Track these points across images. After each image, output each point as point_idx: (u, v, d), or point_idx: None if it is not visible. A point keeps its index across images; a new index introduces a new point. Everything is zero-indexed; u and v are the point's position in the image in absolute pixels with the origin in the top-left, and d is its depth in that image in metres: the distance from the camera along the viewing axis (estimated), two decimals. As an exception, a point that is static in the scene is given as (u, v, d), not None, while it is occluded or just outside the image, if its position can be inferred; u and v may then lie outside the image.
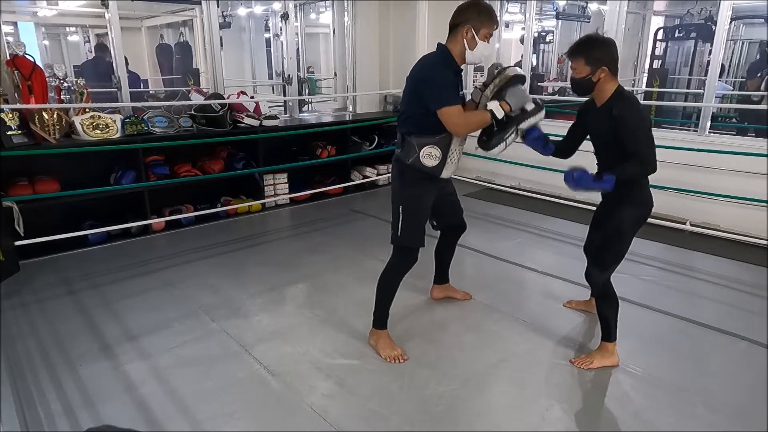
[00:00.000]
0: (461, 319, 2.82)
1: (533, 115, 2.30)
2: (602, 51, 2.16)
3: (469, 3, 2.27)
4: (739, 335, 2.65)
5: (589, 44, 2.20)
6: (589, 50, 2.17)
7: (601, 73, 2.15)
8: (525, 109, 2.29)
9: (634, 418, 2.05)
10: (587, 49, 2.18)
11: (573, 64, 2.21)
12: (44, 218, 3.78)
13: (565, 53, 2.31)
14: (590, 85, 2.19)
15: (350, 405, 2.12)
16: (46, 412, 2.06)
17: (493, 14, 2.27)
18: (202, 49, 5.62)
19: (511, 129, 2.30)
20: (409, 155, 2.31)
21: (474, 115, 2.28)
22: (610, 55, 2.16)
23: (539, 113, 2.31)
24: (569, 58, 2.23)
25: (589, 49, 2.17)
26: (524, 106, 2.29)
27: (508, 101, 2.25)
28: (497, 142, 2.32)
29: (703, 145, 4.18)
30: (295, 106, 5.71)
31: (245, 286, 3.24)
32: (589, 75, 2.16)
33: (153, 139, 4.03)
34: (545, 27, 9.21)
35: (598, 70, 2.14)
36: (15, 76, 3.58)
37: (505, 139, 2.31)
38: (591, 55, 2.15)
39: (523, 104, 2.28)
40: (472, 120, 2.27)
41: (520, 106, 2.28)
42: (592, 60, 2.14)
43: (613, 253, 2.29)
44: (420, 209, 2.40)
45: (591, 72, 2.15)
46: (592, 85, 2.19)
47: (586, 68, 2.15)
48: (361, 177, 5.47)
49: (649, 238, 3.86)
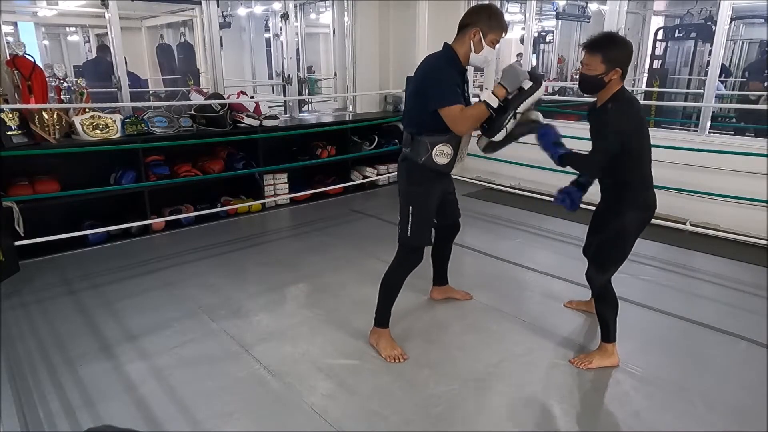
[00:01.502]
0: (461, 319, 2.82)
1: (532, 92, 2.17)
2: (621, 52, 2.10)
3: (482, 5, 2.28)
4: (739, 335, 2.65)
5: (610, 42, 2.12)
6: (609, 48, 2.10)
7: (614, 74, 2.10)
8: (522, 88, 2.18)
9: (634, 418, 2.05)
10: (607, 46, 2.10)
11: (587, 60, 2.12)
12: (44, 218, 3.78)
13: (582, 44, 2.24)
14: (601, 84, 2.13)
15: (350, 405, 2.12)
16: (46, 412, 2.06)
17: (503, 21, 2.25)
18: (202, 49, 5.62)
19: (509, 112, 2.19)
20: (420, 154, 2.30)
21: (470, 109, 2.21)
22: (626, 57, 2.11)
23: (538, 88, 2.18)
24: (586, 52, 2.14)
25: (609, 47, 2.10)
26: (521, 84, 2.17)
27: (502, 84, 2.16)
28: (498, 129, 2.22)
29: (703, 145, 4.18)
30: (295, 106, 5.71)
31: (245, 286, 3.24)
32: (603, 74, 2.09)
33: (153, 139, 4.03)
34: (545, 27, 9.21)
35: (612, 70, 2.08)
36: (15, 76, 3.58)
37: (504, 125, 2.20)
38: (609, 53, 2.08)
39: (519, 83, 2.16)
40: (469, 115, 2.20)
41: (517, 86, 2.18)
42: (609, 59, 2.08)
43: (615, 256, 2.28)
44: (429, 208, 2.41)
45: (605, 71, 2.09)
46: (603, 85, 2.12)
47: (601, 66, 2.09)
48: (361, 177, 5.47)
49: (649, 238, 3.86)
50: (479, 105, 2.19)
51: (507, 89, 2.17)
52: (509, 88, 2.17)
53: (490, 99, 2.16)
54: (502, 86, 2.16)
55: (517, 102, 2.19)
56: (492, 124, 2.24)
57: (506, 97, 2.18)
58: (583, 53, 2.17)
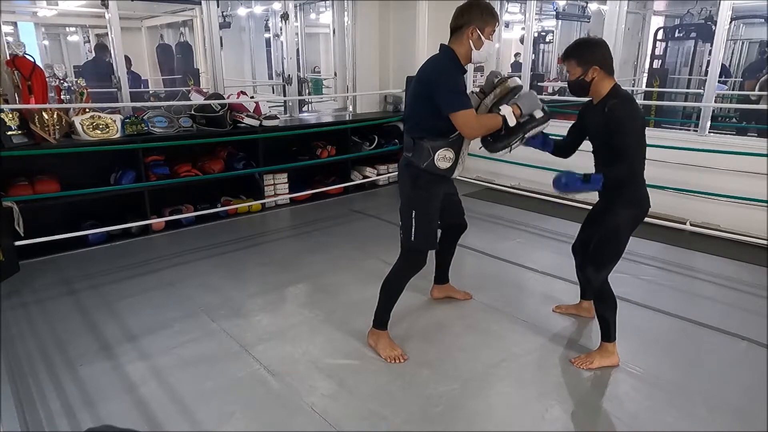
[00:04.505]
0: (461, 319, 2.82)
1: (541, 123, 2.32)
2: (592, 51, 2.24)
3: (469, 4, 2.28)
4: (739, 335, 2.65)
5: (579, 46, 2.28)
6: (579, 52, 2.25)
7: (594, 72, 2.21)
8: (533, 116, 2.32)
9: (633, 418, 2.05)
10: (577, 51, 2.26)
11: (567, 68, 2.29)
12: (44, 218, 3.78)
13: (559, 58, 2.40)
14: (585, 85, 2.25)
15: (350, 405, 2.12)
16: (46, 412, 2.06)
17: (494, 11, 2.29)
18: (202, 49, 5.62)
19: (518, 135, 2.32)
20: (423, 159, 2.31)
21: (487, 118, 2.30)
22: (601, 55, 2.22)
23: (546, 122, 2.34)
24: (563, 61, 2.31)
25: (579, 51, 2.25)
26: (533, 112, 2.31)
27: (519, 105, 2.28)
28: (503, 147, 2.35)
29: (703, 145, 4.18)
30: (295, 106, 5.71)
31: (245, 286, 3.24)
32: (582, 75, 2.22)
33: (153, 139, 4.03)
34: (545, 27, 9.22)
35: (589, 70, 2.21)
36: (15, 76, 3.58)
37: (510, 144, 2.34)
38: (581, 56, 2.23)
39: (532, 110, 2.31)
40: (485, 124, 2.29)
41: (530, 112, 2.31)
42: (582, 61, 2.21)
43: (610, 254, 2.29)
44: (432, 212, 2.41)
45: (583, 72, 2.22)
46: (587, 86, 2.25)
47: (578, 69, 2.23)
48: (361, 177, 5.47)
49: (649, 238, 3.87)
50: (496, 117, 2.28)
51: (522, 111, 2.28)
52: (524, 112, 2.29)
53: (509, 116, 2.26)
54: (519, 108, 2.28)
55: (527, 127, 2.31)
56: (498, 139, 2.34)
57: (518, 120, 2.29)
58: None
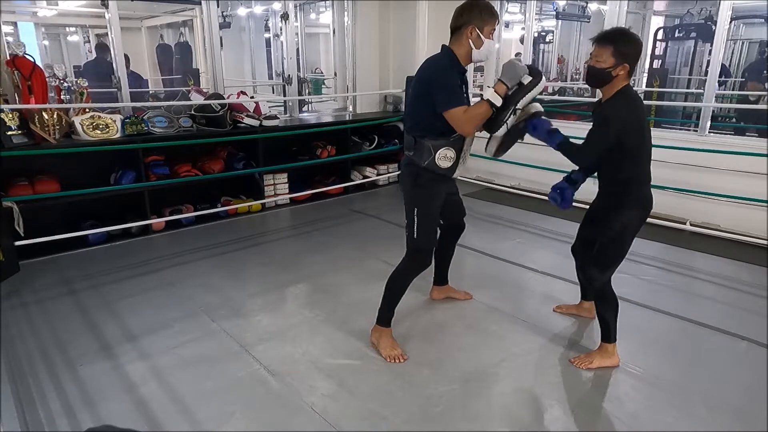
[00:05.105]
0: (461, 319, 2.82)
1: (531, 88, 2.18)
2: (631, 47, 2.10)
3: (468, 3, 2.28)
4: (739, 335, 2.65)
5: (621, 36, 2.12)
6: (621, 42, 2.09)
7: (622, 69, 2.09)
8: (522, 83, 2.19)
9: (633, 418, 2.05)
10: (619, 40, 2.10)
11: (597, 52, 2.12)
12: (44, 218, 3.78)
13: (593, 38, 2.25)
14: (608, 78, 2.11)
15: (350, 405, 2.12)
16: (46, 412, 2.06)
17: (493, 10, 2.28)
18: (202, 49, 5.61)
19: (509, 108, 2.22)
20: (424, 158, 2.31)
21: (473, 109, 2.23)
22: (636, 54, 2.12)
23: (538, 83, 2.18)
24: (596, 44, 2.13)
25: (621, 42, 2.09)
26: (521, 79, 2.18)
27: (503, 80, 2.18)
28: (498, 125, 2.25)
29: (703, 145, 4.18)
30: (295, 106, 5.71)
31: (245, 286, 3.24)
32: (611, 68, 2.09)
33: (153, 139, 4.02)
34: (545, 27, 9.21)
35: (621, 65, 2.08)
36: (15, 76, 3.58)
37: (504, 120, 2.23)
38: (621, 48, 2.08)
39: (519, 78, 2.18)
40: (474, 114, 2.21)
41: (517, 81, 2.19)
42: (619, 53, 2.07)
43: (614, 255, 2.28)
44: (434, 210, 2.42)
45: (614, 65, 2.08)
46: (610, 79, 2.11)
47: (610, 59, 2.08)
48: (361, 177, 5.47)
49: (649, 238, 3.86)
50: (482, 103, 2.20)
51: (507, 85, 2.19)
52: (509, 84, 2.19)
53: (493, 97, 2.18)
54: (502, 82, 2.19)
55: (516, 97, 2.21)
56: (492, 120, 2.26)
57: (506, 93, 2.20)
58: (594, 46, 2.16)
